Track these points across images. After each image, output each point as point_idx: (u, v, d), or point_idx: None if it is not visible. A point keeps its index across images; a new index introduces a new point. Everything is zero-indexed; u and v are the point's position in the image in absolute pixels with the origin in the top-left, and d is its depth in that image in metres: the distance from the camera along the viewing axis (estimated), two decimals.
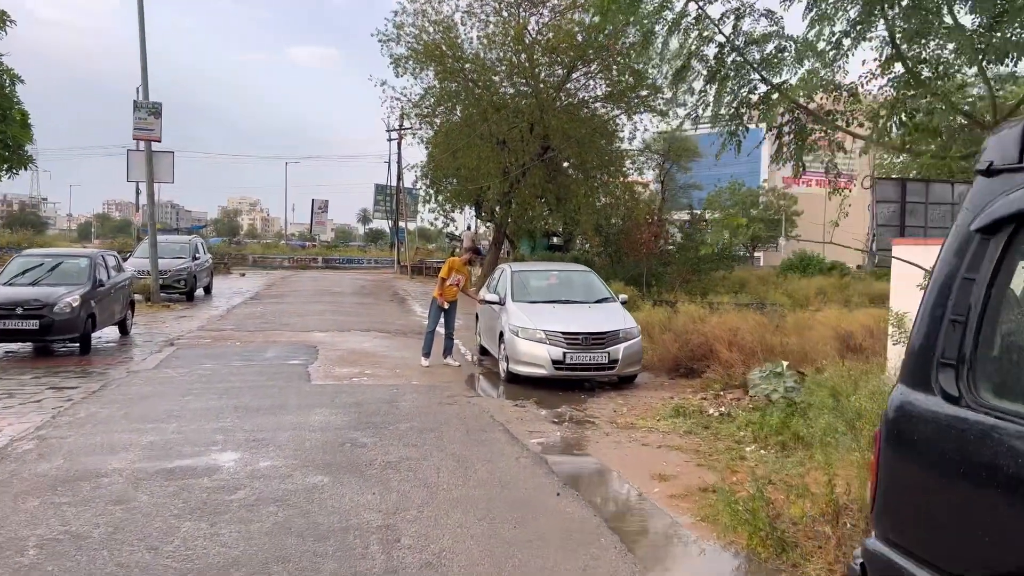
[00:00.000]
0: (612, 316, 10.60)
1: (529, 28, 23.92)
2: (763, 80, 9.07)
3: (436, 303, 11.65)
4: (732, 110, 9.09)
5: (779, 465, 6.35)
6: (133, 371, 10.77)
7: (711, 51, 9.56)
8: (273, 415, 8.03)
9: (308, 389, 9.49)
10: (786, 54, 8.95)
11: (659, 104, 25.91)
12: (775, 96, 8.97)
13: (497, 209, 27.03)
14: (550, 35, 23.93)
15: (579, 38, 23.30)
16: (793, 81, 8.98)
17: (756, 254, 55.43)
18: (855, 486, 4.93)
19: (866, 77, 9.30)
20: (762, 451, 6.95)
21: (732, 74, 9.15)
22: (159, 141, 20.31)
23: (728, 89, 8.80)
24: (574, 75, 25.27)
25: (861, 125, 10.03)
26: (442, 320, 11.69)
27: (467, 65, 24.61)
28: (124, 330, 14.71)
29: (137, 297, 21.11)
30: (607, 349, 9.94)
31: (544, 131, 24.21)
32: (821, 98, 9.46)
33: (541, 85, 24.37)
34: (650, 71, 25.48)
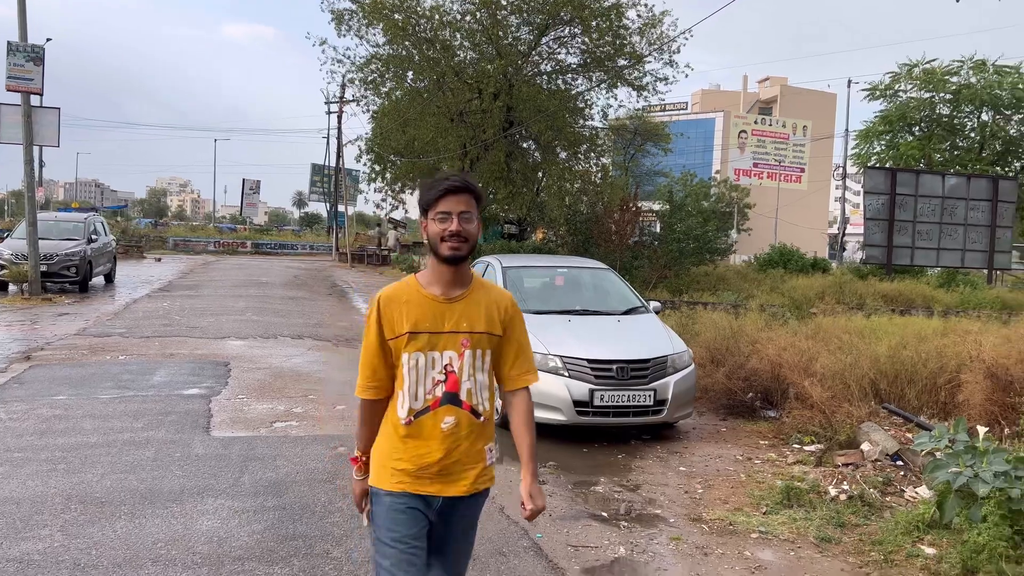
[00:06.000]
0: (651, 334, 7.46)
1: None
2: None
3: (375, 504, 2.46)
4: None
5: None
6: None
7: None
8: (128, 519, 4.66)
9: (202, 451, 6.09)
10: None
11: (635, 77, 22.99)
12: None
13: None
14: None
15: None
16: None
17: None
18: None
19: None
20: None
21: None
22: (40, 94, 16.31)
23: None
24: (544, 39, 22.06)
25: None
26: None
27: (422, 21, 21.15)
28: None
29: (12, 288, 17.29)
30: (652, 385, 6.80)
31: (509, 102, 20.96)
32: None
33: (507, 48, 21.08)
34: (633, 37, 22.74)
